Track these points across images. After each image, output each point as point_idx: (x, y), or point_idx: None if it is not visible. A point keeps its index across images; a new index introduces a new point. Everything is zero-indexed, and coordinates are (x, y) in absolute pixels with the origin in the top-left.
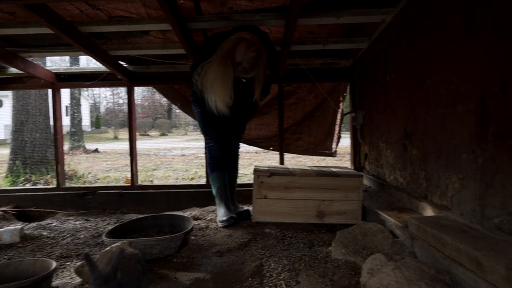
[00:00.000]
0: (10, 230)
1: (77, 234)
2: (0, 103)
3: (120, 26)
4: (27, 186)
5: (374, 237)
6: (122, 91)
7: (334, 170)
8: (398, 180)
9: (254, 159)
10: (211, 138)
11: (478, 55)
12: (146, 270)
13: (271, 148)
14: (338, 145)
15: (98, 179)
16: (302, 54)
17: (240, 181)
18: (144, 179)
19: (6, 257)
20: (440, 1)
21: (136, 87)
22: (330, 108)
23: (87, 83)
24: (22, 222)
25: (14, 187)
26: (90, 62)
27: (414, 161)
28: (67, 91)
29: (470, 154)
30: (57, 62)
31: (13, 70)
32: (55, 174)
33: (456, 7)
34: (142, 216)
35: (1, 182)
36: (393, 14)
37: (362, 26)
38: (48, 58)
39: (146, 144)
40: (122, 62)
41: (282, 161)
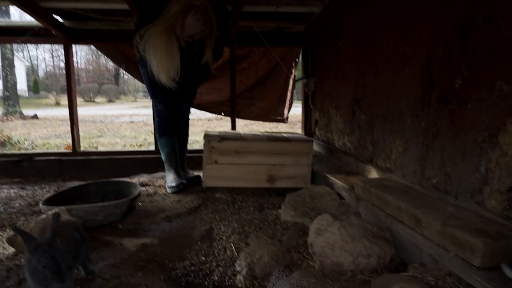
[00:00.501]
0: None
1: (11, 203)
2: None
3: None
4: None
5: (322, 199)
6: (63, 53)
7: (285, 135)
8: (346, 145)
9: (207, 126)
10: (160, 100)
11: (426, 20)
12: (85, 238)
13: (223, 113)
14: (290, 111)
15: (36, 146)
16: (255, 16)
17: (191, 147)
18: (88, 146)
19: None
20: None
21: (78, 49)
22: (283, 73)
23: (17, 38)
24: None
25: None
26: (24, 15)
27: (362, 126)
28: None
29: (415, 118)
30: None
31: None
32: None
33: None
34: (84, 182)
35: None
36: None
37: None
38: None
39: (91, 110)
40: (57, 16)
41: (234, 126)
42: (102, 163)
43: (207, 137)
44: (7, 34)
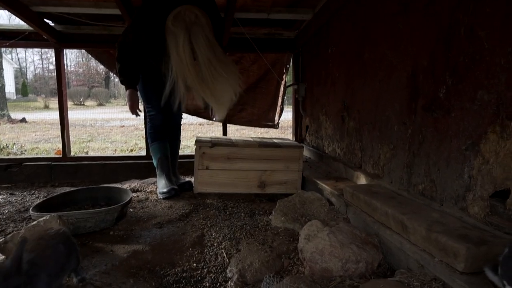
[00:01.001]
0: None
1: (0, 209)
2: None
3: None
4: None
5: (312, 205)
6: (53, 56)
7: (276, 141)
8: (336, 151)
9: (198, 131)
10: (153, 106)
11: (411, 31)
12: (75, 249)
13: (214, 119)
14: (280, 117)
15: (25, 151)
16: (246, 22)
17: (182, 152)
18: (78, 151)
19: None
20: None
21: (68, 52)
22: (274, 79)
23: (6, 42)
24: None
25: None
26: (13, 19)
27: (351, 132)
28: None
29: (401, 126)
30: None
31: None
32: None
33: None
34: (75, 188)
35: None
36: None
37: None
38: None
39: (81, 114)
40: (48, 21)
41: (225, 132)
42: (93, 169)
43: (199, 143)
44: None
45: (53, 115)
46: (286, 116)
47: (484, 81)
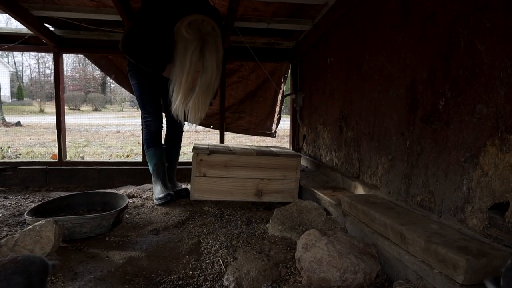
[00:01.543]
0: None
1: None
2: None
3: None
4: None
5: (309, 214)
6: (49, 60)
7: (273, 150)
8: (333, 160)
9: (194, 138)
10: (149, 112)
11: (411, 43)
12: (37, 282)
13: (212, 126)
14: (278, 126)
15: (20, 154)
16: (246, 31)
17: (179, 159)
18: (73, 156)
19: None
20: None
21: (65, 56)
22: (272, 88)
23: (5, 46)
24: None
25: None
26: (11, 22)
27: (348, 142)
28: None
29: (400, 137)
30: None
31: None
32: None
33: None
34: (70, 193)
35: None
36: None
37: (306, 7)
38: None
39: (76, 119)
40: (48, 25)
41: (222, 139)
42: (88, 174)
43: (196, 150)
44: None
45: (48, 119)
46: (283, 125)
47: (483, 94)
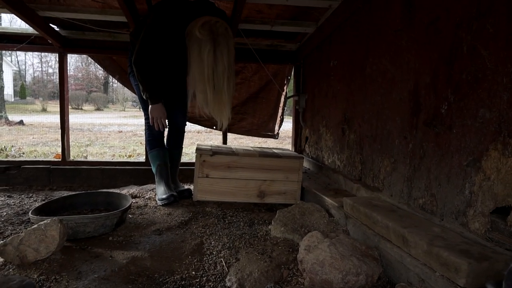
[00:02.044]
0: None
1: None
2: None
3: None
4: None
5: (311, 216)
6: (52, 59)
7: (276, 151)
8: (335, 163)
9: (196, 139)
10: None
11: (414, 47)
12: None
13: (214, 127)
14: (280, 127)
15: (23, 153)
16: (250, 33)
17: (181, 160)
18: (76, 155)
19: None
20: None
21: (68, 56)
22: (275, 90)
23: (12, 46)
24: None
25: None
26: (14, 22)
27: (351, 145)
28: None
29: (402, 140)
30: None
31: None
32: None
33: (397, 0)
34: (74, 193)
35: None
36: (339, 1)
37: (310, 10)
38: None
39: (79, 118)
40: (53, 26)
41: (225, 141)
42: (91, 173)
43: (199, 151)
44: (1, 41)
45: (50, 118)
46: (285, 126)
47: (486, 99)
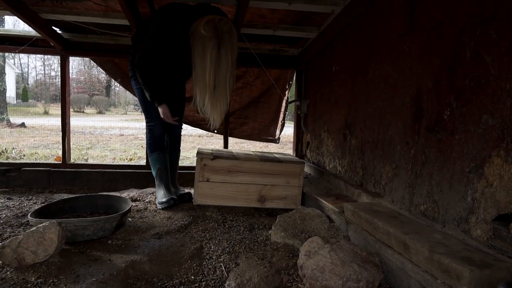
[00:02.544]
0: None
1: None
2: None
3: None
4: None
5: (312, 221)
6: (55, 62)
7: (277, 156)
8: (337, 168)
9: (197, 143)
10: (152, 116)
11: (417, 52)
12: None
13: (215, 131)
14: (281, 132)
15: (24, 156)
16: (252, 38)
17: (181, 163)
18: (77, 158)
19: None
20: None
21: (70, 59)
22: (276, 95)
23: (14, 48)
24: None
25: None
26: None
27: (352, 150)
28: None
29: (404, 146)
30: None
31: None
32: None
33: (400, 5)
34: (74, 195)
35: None
36: (342, 6)
37: (313, 15)
38: None
39: (80, 121)
40: (56, 28)
41: (226, 145)
42: (92, 176)
43: (200, 154)
44: (3, 43)
45: (52, 121)
46: (286, 131)
47: (489, 105)
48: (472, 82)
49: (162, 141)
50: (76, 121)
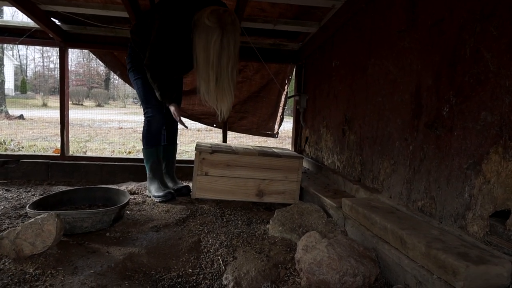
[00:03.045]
0: None
1: None
2: None
3: None
4: None
5: (310, 216)
6: (54, 55)
7: (275, 151)
8: (335, 163)
9: (196, 137)
10: (152, 107)
11: (417, 49)
12: None
13: (215, 125)
14: (280, 127)
15: (22, 148)
16: (252, 32)
17: (180, 157)
18: (76, 150)
19: None
20: None
21: (69, 51)
22: (276, 89)
23: (13, 39)
24: None
25: None
26: (16, 16)
27: (351, 146)
28: None
29: (403, 142)
30: None
31: None
32: None
33: (401, 1)
34: (72, 188)
35: None
36: (343, 1)
37: (313, 9)
38: None
39: (79, 114)
40: (55, 20)
41: (225, 139)
42: (90, 169)
43: (199, 148)
44: (2, 34)
45: (50, 113)
46: (285, 126)
47: (488, 102)
48: (471, 78)
49: (159, 134)
50: (75, 113)
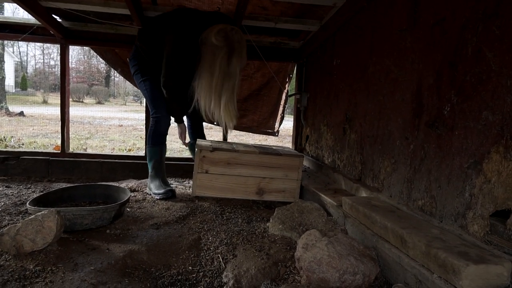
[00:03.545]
0: None
1: None
2: None
3: None
4: None
5: (310, 214)
6: (54, 51)
7: (276, 149)
8: (335, 162)
9: None
10: (161, 108)
11: (418, 48)
12: None
13: (215, 123)
14: (281, 125)
15: (22, 144)
16: (253, 30)
17: (181, 155)
18: (76, 147)
19: None
20: None
21: (70, 48)
22: (276, 88)
23: (14, 36)
24: None
25: None
26: (17, 12)
27: (351, 145)
28: None
29: (404, 141)
30: None
31: None
32: None
33: (403, 0)
34: (73, 184)
35: None
36: (344, 0)
37: (314, 8)
38: None
39: (79, 111)
40: (56, 16)
41: (225, 137)
42: (90, 166)
43: (199, 146)
44: (3, 31)
45: (51, 110)
46: (285, 124)
47: (489, 101)
48: (473, 78)
49: (165, 134)
50: (75, 111)
